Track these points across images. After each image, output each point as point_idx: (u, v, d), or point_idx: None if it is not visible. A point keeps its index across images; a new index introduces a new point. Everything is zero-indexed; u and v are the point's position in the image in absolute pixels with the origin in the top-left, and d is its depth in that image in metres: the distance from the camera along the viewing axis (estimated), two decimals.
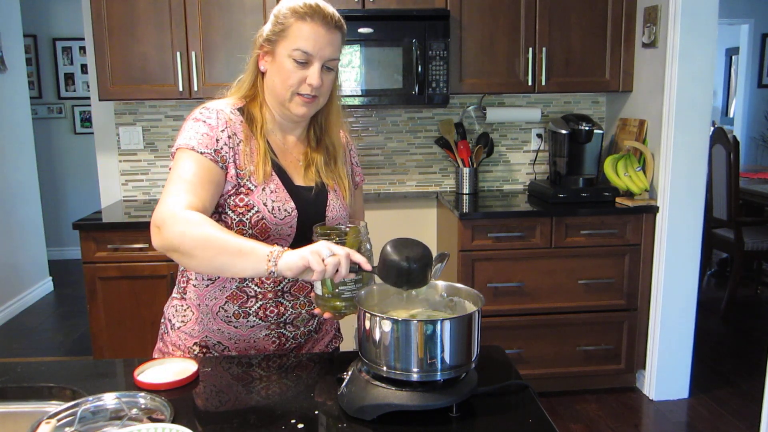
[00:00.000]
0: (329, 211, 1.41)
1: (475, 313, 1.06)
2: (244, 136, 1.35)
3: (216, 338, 1.40)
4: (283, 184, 1.36)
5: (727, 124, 7.03)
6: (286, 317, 1.39)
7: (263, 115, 1.38)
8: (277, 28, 1.32)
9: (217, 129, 1.31)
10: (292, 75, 1.30)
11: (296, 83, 1.31)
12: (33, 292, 4.68)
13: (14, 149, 4.49)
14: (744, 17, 6.56)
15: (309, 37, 1.29)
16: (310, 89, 1.31)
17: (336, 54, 1.34)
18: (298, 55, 1.29)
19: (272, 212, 1.33)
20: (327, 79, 1.34)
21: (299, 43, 1.29)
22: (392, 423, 1.03)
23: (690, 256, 2.92)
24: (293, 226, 1.35)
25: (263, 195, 1.33)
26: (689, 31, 2.76)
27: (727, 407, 2.96)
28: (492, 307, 2.89)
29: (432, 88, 2.94)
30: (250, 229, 1.32)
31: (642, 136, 3.05)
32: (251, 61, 1.38)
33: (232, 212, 1.32)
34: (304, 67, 1.30)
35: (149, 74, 2.93)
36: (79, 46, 5.44)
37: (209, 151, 1.28)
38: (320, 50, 1.30)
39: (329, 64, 1.33)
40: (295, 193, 1.37)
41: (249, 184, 1.32)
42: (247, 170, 1.33)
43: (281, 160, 1.39)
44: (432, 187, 3.46)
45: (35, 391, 1.17)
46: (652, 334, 2.99)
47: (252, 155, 1.34)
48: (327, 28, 1.30)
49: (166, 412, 1.05)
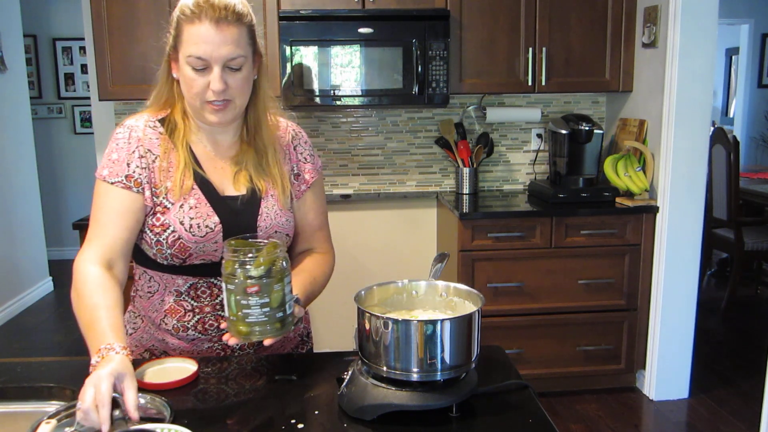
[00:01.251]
0: (261, 221, 1.31)
1: (475, 313, 1.06)
2: (163, 150, 1.27)
3: (162, 347, 1.37)
4: (207, 197, 1.28)
5: (727, 124, 7.03)
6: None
7: (186, 123, 1.30)
8: (174, 32, 1.23)
9: (128, 152, 1.25)
10: (195, 83, 1.21)
11: (201, 91, 1.21)
12: (33, 292, 4.68)
13: (14, 149, 4.49)
14: (744, 17, 6.56)
15: (200, 40, 1.18)
16: (215, 95, 1.21)
17: (237, 51, 1.20)
18: (193, 61, 1.19)
19: (190, 230, 1.25)
20: (234, 80, 1.22)
21: (191, 49, 1.19)
22: (392, 423, 1.03)
23: (690, 256, 2.92)
24: (218, 242, 1.27)
25: (180, 213, 1.25)
26: (689, 31, 2.76)
27: (727, 407, 2.96)
28: (492, 307, 2.89)
29: (432, 88, 2.94)
30: (168, 249, 1.25)
31: (642, 136, 3.05)
32: (162, 69, 1.30)
33: (150, 232, 1.26)
34: (205, 72, 1.20)
35: (149, 74, 2.89)
36: (79, 46, 5.44)
37: (119, 179, 1.24)
38: (214, 52, 1.18)
39: (231, 63, 1.21)
40: (219, 206, 1.28)
41: (165, 202, 1.26)
42: (163, 187, 1.26)
43: (208, 170, 1.30)
44: (432, 187, 3.46)
45: (35, 391, 1.17)
46: (652, 334, 2.99)
47: (170, 170, 1.26)
48: (219, 25, 1.18)
49: (166, 412, 1.05)
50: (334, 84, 2.92)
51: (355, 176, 3.41)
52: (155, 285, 1.33)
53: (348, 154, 3.39)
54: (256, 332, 1.10)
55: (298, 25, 2.85)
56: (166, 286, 1.32)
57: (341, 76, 2.91)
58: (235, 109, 1.26)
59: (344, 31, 2.88)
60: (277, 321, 1.11)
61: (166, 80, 1.30)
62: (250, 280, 1.07)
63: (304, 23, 2.86)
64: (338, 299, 3.68)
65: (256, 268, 1.07)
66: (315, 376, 1.24)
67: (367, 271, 3.47)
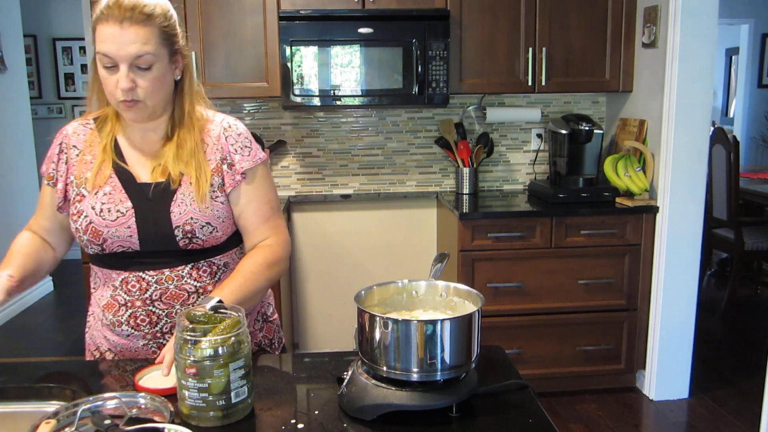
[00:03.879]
0: (175, 206, 1.30)
1: (475, 313, 1.06)
2: (87, 144, 1.37)
3: (106, 345, 1.39)
4: (123, 185, 1.32)
5: (727, 124, 7.03)
6: (161, 326, 1.34)
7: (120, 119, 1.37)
8: (92, 33, 1.26)
9: (52, 151, 1.38)
10: (107, 81, 1.25)
11: (113, 89, 1.24)
12: (33, 292, 4.68)
13: (14, 149, 4.49)
14: (744, 17, 6.55)
15: (106, 39, 1.21)
16: (123, 93, 1.23)
17: (144, 49, 1.21)
18: (101, 58, 1.23)
19: (100, 215, 1.30)
20: (143, 79, 1.24)
21: (99, 47, 1.23)
22: (392, 423, 1.03)
23: (690, 256, 2.92)
24: (131, 227, 1.30)
25: (93, 199, 1.32)
26: (689, 31, 2.75)
27: (727, 407, 2.96)
28: (492, 307, 2.89)
29: (432, 88, 2.94)
30: (84, 235, 1.32)
31: (642, 136, 3.05)
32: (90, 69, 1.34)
33: (72, 221, 1.34)
34: (114, 71, 1.23)
35: None
36: (79, 46, 5.44)
37: (45, 175, 1.38)
38: (120, 50, 1.20)
39: (139, 62, 1.22)
40: (133, 192, 1.32)
41: (83, 191, 1.33)
42: (83, 178, 1.34)
43: (131, 163, 1.35)
44: (432, 187, 3.46)
45: (35, 391, 1.17)
46: (652, 334, 2.99)
47: (92, 163, 1.34)
48: (121, 25, 1.20)
49: (166, 413, 1.05)
50: (334, 84, 2.92)
51: (355, 176, 3.41)
52: (98, 281, 1.40)
53: (348, 154, 3.39)
54: (194, 416, 1.03)
55: (298, 25, 2.85)
56: (105, 281, 1.37)
57: (341, 76, 2.91)
58: (146, 108, 1.28)
59: (344, 31, 2.88)
60: (218, 409, 1.02)
61: (94, 80, 1.33)
62: (189, 360, 1.00)
63: (304, 23, 2.86)
64: (338, 299, 3.69)
65: (196, 349, 1.00)
66: (315, 376, 1.24)
67: (367, 271, 3.47)
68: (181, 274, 1.34)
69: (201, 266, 1.36)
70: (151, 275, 1.33)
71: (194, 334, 1.01)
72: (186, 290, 1.34)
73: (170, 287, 1.33)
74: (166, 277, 1.33)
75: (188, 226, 1.30)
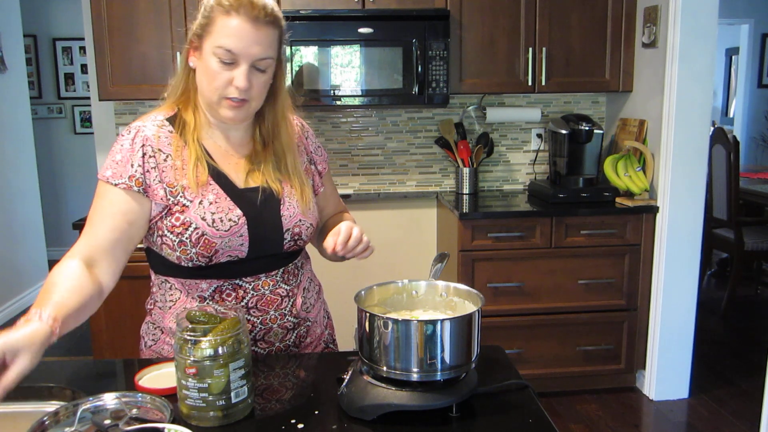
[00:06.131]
0: (284, 209, 1.30)
1: (475, 313, 1.06)
2: (174, 148, 1.25)
3: None
4: (225, 191, 1.25)
5: (727, 124, 7.03)
6: (255, 334, 1.31)
7: (197, 118, 1.29)
8: (203, 21, 1.21)
9: (132, 152, 1.23)
10: (218, 76, 1.19)
11: (222, 85, 1.20)
12: (33, 292, 4.67)
13: (14, 149, 4.48)
14: (744, 17, 6.55)
15: (233, 33, 1.16)
16: (237, 92, 1.20)
17: (266, 53, 1.20)
18: (222, 53, 1.18)
19: (213, 225, 1.22)
20: (257, 81, 1.22)
21: (222, 40, 1.17)
22: (392, 423, 1.03)
23: (690, 256, 2.92)
24: (244, 235, 1.25)
25: (200, 209, 1.23)
26: (689, 31, 2.75)
27: (727, 407, 2.96)
28: (492, 307, 2.89)
29: (432, 88, 2.94)
30: (193, 248, 1.22)
31: (642, 136, 3.05)
32: (182, 57, 1.28)
33: (170, 234, 1.23)
34: (231, 67, 1.19)
35: (149, 74, 2.93)
36: (79, 46, 5.43)
37: (122, 181, 1.21)
38: (246, 49, 1.17)
39: (259, 64, 1.20)
40: (240, 199, 1.26)
41: (183, 201, 1.23)
42: (179, 186, 1.23)
43: (222, 165, 1.28)
44: (432, 187, 3.46)
45: (35, 391, 1.17)
46: (652, 334, 2.99)
47: (184, 169, 1.24)
48: (254, 24, 1.17)
49: (166, 413, 1.04)
50: (334, 84, 2.92)
51: (355, 176, 3.41)
52: (176, 293, 1.31)
53: (348, 154, 3.39)
54: (194, 416, 1.02)
55: (298, 25, 2.85)
56: (188, 292, 1.29)
57: (341, 76, 2.91)
58: (249, 108, 1.26)
59: (344, 31, 2.88)
60: (218, 409, 1.01)
61: (184, 69, 1.28)
62: (189, 360, 1.00)
63: (304, 23, 2.86)
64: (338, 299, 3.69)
65: (196, 349, 0.99)
66: (315, 376, 1.24)
67: (367, 271, 3.46)
68: (276, 278, 1.32)
69: (290, 269, 1.35)
70: (248, 282, 1.29)
71: (194, 334, 1.01)
72: (279, 294, 1.32)
73: (266, 293, 1.30)
74: (263, 282, 1.30)
75: (297, 228, 1.31)
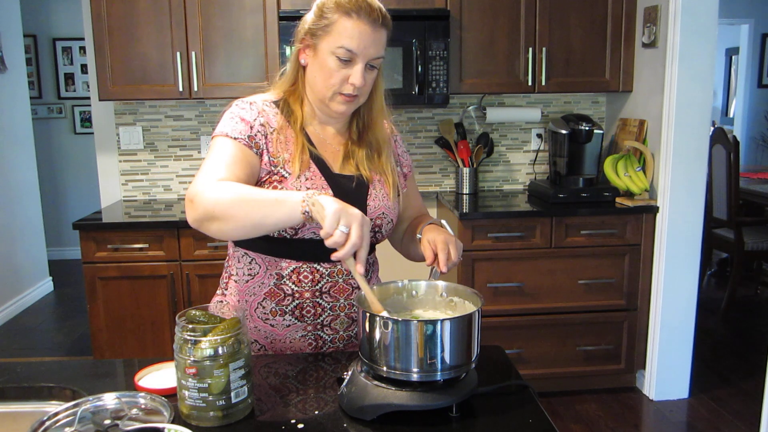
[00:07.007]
0: (371, 200, 1.37)
1: (475, 313, 1.06)
2: (279, 125, 1.33)
3: (253, 336, 1.38)
4: (321, 173, 1.33)
5: (727, 124, 7.03)
6: (323, 319, 1.35)
7: (303, 109, 1.37)
8: (321, 22, 1.28)
9: (251, 117, 1.31)
10: (335, 73, 1.28)
11: (338, 82, 1.28)
12: (33, 292, 4.68)
13: (14, 149, 4.48)
14: (744, 17, 6.56)
15: (354, 35, 1.25)
16: (353, 89, 1.29)
17: (380, 52, 1.30)
18: (342, 53, 1.26)
19: None
20: (369, 77, 1.31)
21: (344, 41, 1.25)
22: (392, 423, 1.03)
23: (690, 256, 2.92)
24: None
25: (297, 182, 1.29)
26: (689, 31, 2.75)
27: (727, 407, 2.96)
28: (492, 307, 2.89)
29: (432, 88, 2.94)
30: None
31: (642, 136, 3.05)
32: (293, 54, 1.35)
33: None
34: (348, 65, 1.27)
35: (149, 74, 2.93)
36: (79, 46, 5.44)
37: (243, 137, 1.27)
38: (365, 49, 1.26)
39: (373, 62, 1.30)
40: (333, 182, 1.33)
41: (283, 172, 1.30)
42: (281, 158, 1.30)
43: (320, 150, 1.36)
44: (432, 187, 3.46)
45: (35, 391, 1.17)
46: (652, 334, 2.99)
47: (287, 144, 1.32)
48: (373, 25, 1.26)
49: (166, 412, 1.05)
50: None
51: None
52: (256, 267, 1.35)
53: None
54: (194, 416, 1.02)
55: None
56: (267, 268, 1.34)
57: None
58: (357, 103, 1.35)
59: None
60: (218, 409, 1.02)
61: (294, 64, 1.36)
62: (189, 360, 1.00)
63: None
64: None
65: (196, 349, 1.00)
66: (315, 376, 1.24)
67: None
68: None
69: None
70: (325, 267, 1.33)
71: (194, 334, 1.01)
72: (351, 285, 1.35)
73: (339, 281, 1.34)
74: (338, 270, 1.34)
75: (379, 220, 1.36)
